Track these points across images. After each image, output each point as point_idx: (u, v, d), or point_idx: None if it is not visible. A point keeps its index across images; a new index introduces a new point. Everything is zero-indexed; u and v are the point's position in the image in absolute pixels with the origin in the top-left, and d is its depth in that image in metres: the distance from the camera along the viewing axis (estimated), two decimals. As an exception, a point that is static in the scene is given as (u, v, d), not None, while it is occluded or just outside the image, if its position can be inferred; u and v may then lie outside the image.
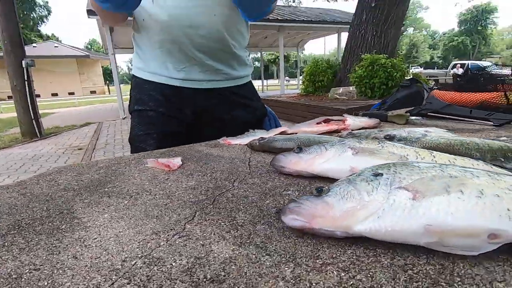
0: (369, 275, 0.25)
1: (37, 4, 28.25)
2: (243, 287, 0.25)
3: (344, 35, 8.20)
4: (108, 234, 0.35)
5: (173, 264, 0.29)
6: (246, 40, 0.95)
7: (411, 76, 5.03)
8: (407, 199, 0.29)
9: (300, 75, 13.12)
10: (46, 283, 0.27)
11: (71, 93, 19.85)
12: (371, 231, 0.28)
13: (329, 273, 0.26)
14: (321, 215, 0.30)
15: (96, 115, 8.76)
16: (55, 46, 20.61)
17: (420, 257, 0.27)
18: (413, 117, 0.93)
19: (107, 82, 23.47)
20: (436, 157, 0.44)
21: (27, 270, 0.29)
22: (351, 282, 0.25)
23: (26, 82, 5.13)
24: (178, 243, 0.32)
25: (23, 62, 5.04)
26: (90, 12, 6.33)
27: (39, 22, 29.38)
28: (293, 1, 9.78)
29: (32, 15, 27.96)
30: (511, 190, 0.29)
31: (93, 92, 21.05)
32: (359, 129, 0.81)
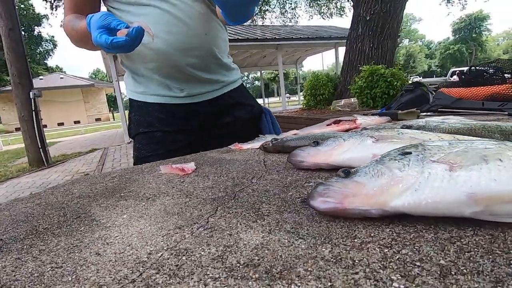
0: (415, 249, 0.24)
1: (44, 39, 29.47)
2: (281, 269, 0.23)
3: (341, 50, 8.36)
4: (129, 232, 0.34)
5: (202, 253, 0.27)
6: (227, 44, 0.98)
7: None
8: (444, 171, 0.27)
9: (300, 91, 13.28)
10: (70, 279, 0.26)
11: (77, 122, 20.25)
12: (410, 206, 0.26)
13: (371, 250, 0.24)
14: (353, 193, 0.29)
15: (101, 141, 8.86)
16: (61, 77, 21.27)
17: (466, 229, 0.26)
18: (424, 114, 0.91)
19: (112, 108, 23.94)
20: (460, 140, 0.43)
21: (49, 269, 0.28)
22: (397, 257, 0.23)
23: (33, 112, 5.25)
24: (204, 235, 0.31)
25: (31, 93, 5.18)
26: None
27: (46, 55, 30.52)
28: (290, 21, 10.08)
29: (38, 49, 29.09)
30: (552, 155, 0.28)
31: (98, 119, 21.44)
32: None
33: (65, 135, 12.98)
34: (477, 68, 1.13)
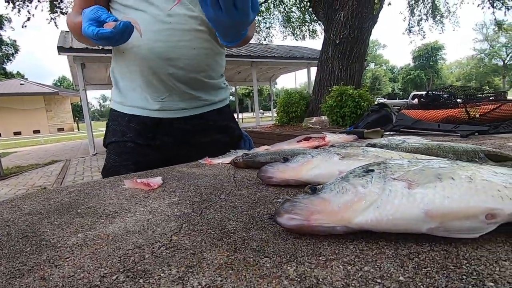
0: (376, 266, 0.24)
1: (4, 43, 27.61)
2: (244, 289, 0.22)
3: (313, 69, 8.74)
4: (82, 252, 0.31)
5: (162, 275, 0.26)
6: (222, 68, 0.99)
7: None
8: (403, 188, 0.29)
9: (274, 108, 13.57)
10: (6, 308, 0.23)
11: (36, 131, 18.87)
12: (372, 222, 0.27)
13: (335, 267, 0.24)
14: (319, 210, 0.29)
15: (63, 152, 8.30)
16: (21, 84, 19.89)
17: (423, 245, 0.27)
18: (387, 133, 0.97)
19: (77, 118, 22.69)
20: (418, 158, 0.45)
21: (-19, 297, 0.24)
22: (360, 274, 0.23)
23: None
24: (165, 255, 0.29)
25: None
26: (60, 49, 6.27)
27: (5, 60, 28.53)
28: (264, 39, 10.40)
29: (-3, 53, 27.17)
30: (496, 174, 0.30)
31: (60, 129, 20.15)
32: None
33: (22, 145, 12.00)
34: (434, 92, 1.23)
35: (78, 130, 19.94)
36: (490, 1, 9.01)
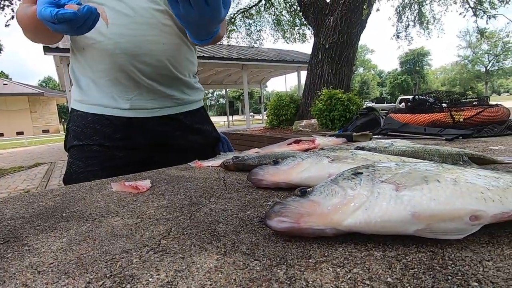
0: (365, 268, 0.24)
1: (-13, 42, 26.76)
2: (234, 293, 0.22)
3: (303, 73, 8.83)
4: (67, 258, 0.30)
5: (150, 279, 0.25)
6: (194, 66, 0.95)
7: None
8: (391, 191, 0.29)
9: (264, 111, 13.62)
10: (-15, 317, 0.22)
11: (20, 133, 18.32)
12: (361, 224, 0.27)
13: (324, 270, 0.24)
14: (308, 213, 0.29)
15: (48, 155, 8.08)
16: (4, 84, 19.30)
17: (410, 247, 0.27)
18: (375, 136, 0.98)
19: (63, 120, 22.15)
20: (405, 161, 0.46)
21: (-41, 306, 0.23)
22: (349, 276, 0.23)
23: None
24: (154, 259, 0.28)
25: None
26: (46, 49, 6.13)
27: (-13, 59, 27.63)
28: (255, 42, 10.45)
29: (-21, 52, 26.29)
30: (480, 177, 0.31)
31: (46, 131, 19.63)
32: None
33: (4, 147, 11.61)
34: (420, 97, 1.26)
35: (64, 132, 19.44)
36: (473, 10, 9.34)
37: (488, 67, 40.84)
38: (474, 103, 1.16)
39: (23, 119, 18.82)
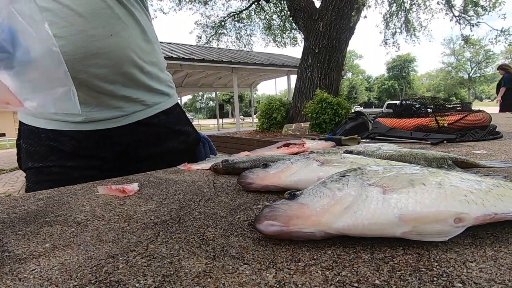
0: (353, 270, 0.24)
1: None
2: (222, 298, 0.22)
3: (293, 77, 8.90)
4: (50, 263, 0.29)
5: (137, 285, 0.25)
6: (157, 58, 0.78)
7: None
8: (379, 193, 0.29)
9: (254, 114, 13.65)
10: (-39, 327, 0.21)
11: (2, 134, 17.73)
12: (350, 227, 0.28)
13: (313, 273, 0.25)
14: (297, 216, 0.29)
15: (31, 157, 7.82)
16: (-14, 84, 18.64)
17: (397, 249, 0.28)
18: (364, 140, 1.00)
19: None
20: (392, 165, 0.47)
21: None
22: (337, 279, 0.23)
23: None
24: (141, 264, 0.28)
25: None
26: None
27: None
28: (245, 46, 10.50)
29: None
30: (463, 180, 0.32)
31: (29, 133, 19.03)
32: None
33: (-15, 149, 11.20)
34: (407, 102, 1.29)
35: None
36: (457, 18, 9.67)
37: (471, 74, 42.31)
38: (457, 108, 1.20)
39: (5, 119, 18.22)
